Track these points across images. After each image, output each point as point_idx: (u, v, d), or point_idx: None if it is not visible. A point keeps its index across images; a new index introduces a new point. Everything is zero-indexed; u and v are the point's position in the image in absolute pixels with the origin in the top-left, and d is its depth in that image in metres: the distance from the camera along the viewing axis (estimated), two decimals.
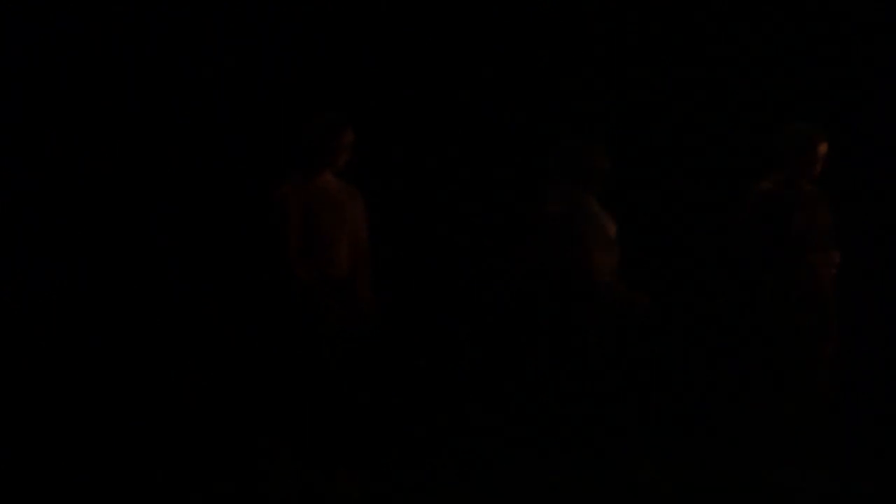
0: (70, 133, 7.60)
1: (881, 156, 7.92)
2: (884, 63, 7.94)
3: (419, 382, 7.73)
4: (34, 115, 7.58)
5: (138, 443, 7.15)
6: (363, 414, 6.47)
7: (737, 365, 6.88)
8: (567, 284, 6.49)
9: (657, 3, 7.97)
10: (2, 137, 7.55)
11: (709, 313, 7.61)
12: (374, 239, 6.69)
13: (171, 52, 7.69)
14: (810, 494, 6.56)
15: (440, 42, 7.93)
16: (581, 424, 6.43)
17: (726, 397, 7.02)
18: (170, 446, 7.15)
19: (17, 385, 7.34)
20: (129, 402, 7.38)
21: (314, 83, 7.71)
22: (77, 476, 6.77)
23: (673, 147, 7.94)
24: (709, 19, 7.96)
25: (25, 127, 7.57)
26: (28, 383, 7.36)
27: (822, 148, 6.79)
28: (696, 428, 7.48)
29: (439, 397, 7.71)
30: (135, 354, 7.48)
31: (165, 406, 7.39)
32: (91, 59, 7.62)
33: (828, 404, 6.78)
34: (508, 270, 6.77)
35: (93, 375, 7.43)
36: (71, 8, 7.62)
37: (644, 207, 7.71)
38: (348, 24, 7.87)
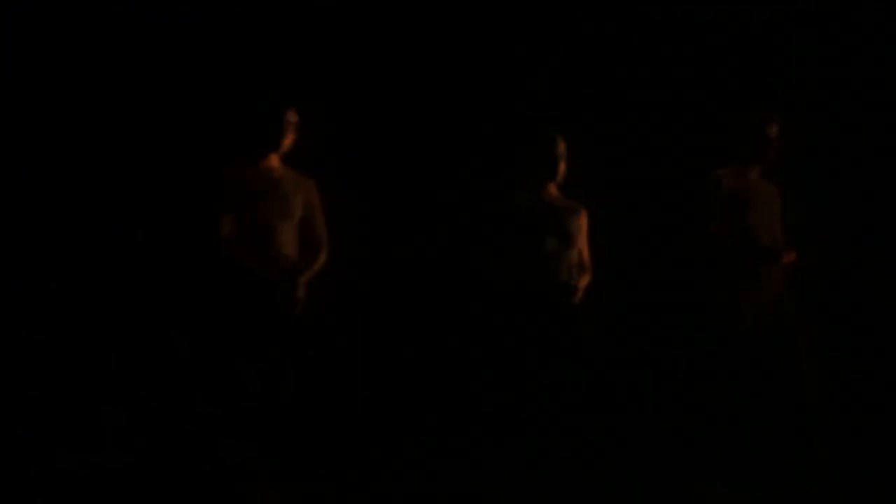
0: (67, 132, 7.67)
1: (854, 152, 7.91)
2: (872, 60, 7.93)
3: (398, 380, 7.77)
4: (34, 115, 7.65)
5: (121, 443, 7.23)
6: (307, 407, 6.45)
7: (692, 362, 6.84)
8: (525, 280, 6.53)
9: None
10: (1, 137, 7.63)
11: (666, 311, 7.60)
12: (346, 235, 6.68)
13: (169, 51, 7.75)
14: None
15: (417, 40, 7.96)
16: (551, 424, 6.46)
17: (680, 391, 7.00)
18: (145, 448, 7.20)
19: (17, 385, 7.44)
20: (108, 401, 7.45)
21: (310, 81, 7.75)
22: (70, 475, 6.85)
23: (641, 141, 7.95)
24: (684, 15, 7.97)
25: (25, 126, 7.64)
26: (26, 383, 7.46)
27: (774, 133, 6.73)
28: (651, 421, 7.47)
29: (420, 394, 7.75)
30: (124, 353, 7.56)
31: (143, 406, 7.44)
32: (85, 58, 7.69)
33: (785, 404, 6.73)
34: (475, 266, 6.74)
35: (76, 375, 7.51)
36: (69, 7, 7.69)
37: (608, 203, 7.69)
38: (344, 23, 7.91)
